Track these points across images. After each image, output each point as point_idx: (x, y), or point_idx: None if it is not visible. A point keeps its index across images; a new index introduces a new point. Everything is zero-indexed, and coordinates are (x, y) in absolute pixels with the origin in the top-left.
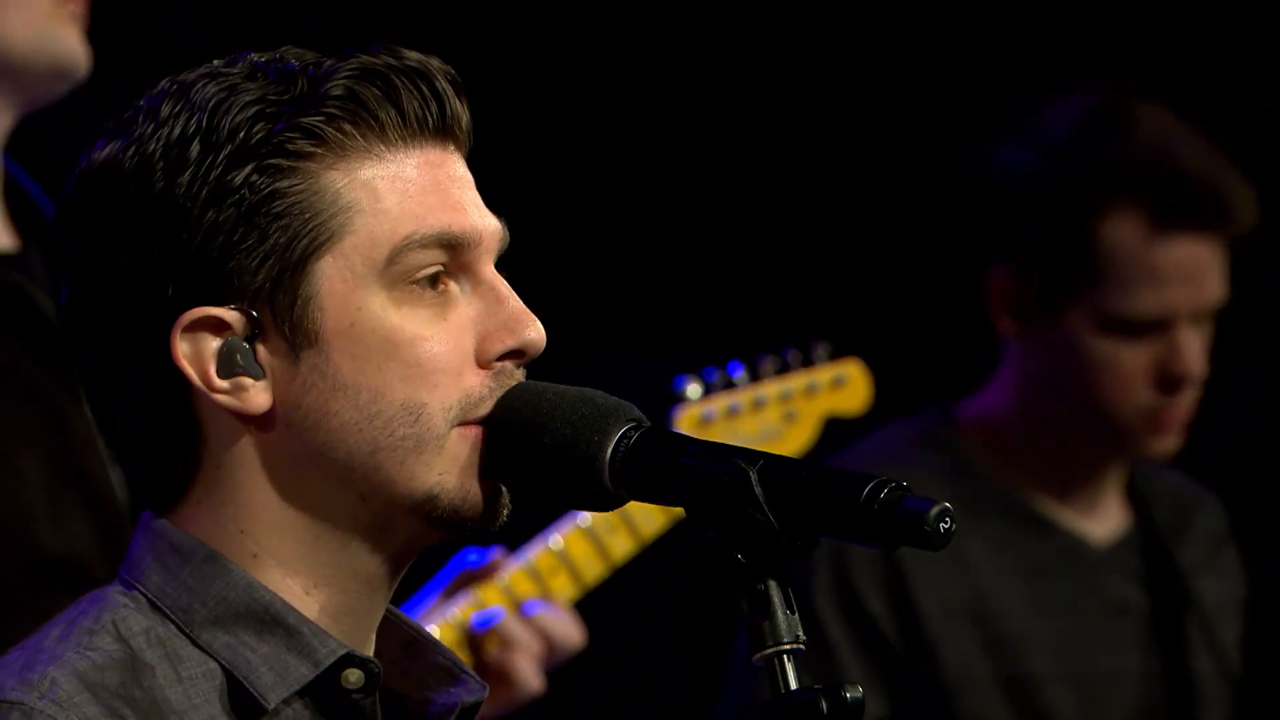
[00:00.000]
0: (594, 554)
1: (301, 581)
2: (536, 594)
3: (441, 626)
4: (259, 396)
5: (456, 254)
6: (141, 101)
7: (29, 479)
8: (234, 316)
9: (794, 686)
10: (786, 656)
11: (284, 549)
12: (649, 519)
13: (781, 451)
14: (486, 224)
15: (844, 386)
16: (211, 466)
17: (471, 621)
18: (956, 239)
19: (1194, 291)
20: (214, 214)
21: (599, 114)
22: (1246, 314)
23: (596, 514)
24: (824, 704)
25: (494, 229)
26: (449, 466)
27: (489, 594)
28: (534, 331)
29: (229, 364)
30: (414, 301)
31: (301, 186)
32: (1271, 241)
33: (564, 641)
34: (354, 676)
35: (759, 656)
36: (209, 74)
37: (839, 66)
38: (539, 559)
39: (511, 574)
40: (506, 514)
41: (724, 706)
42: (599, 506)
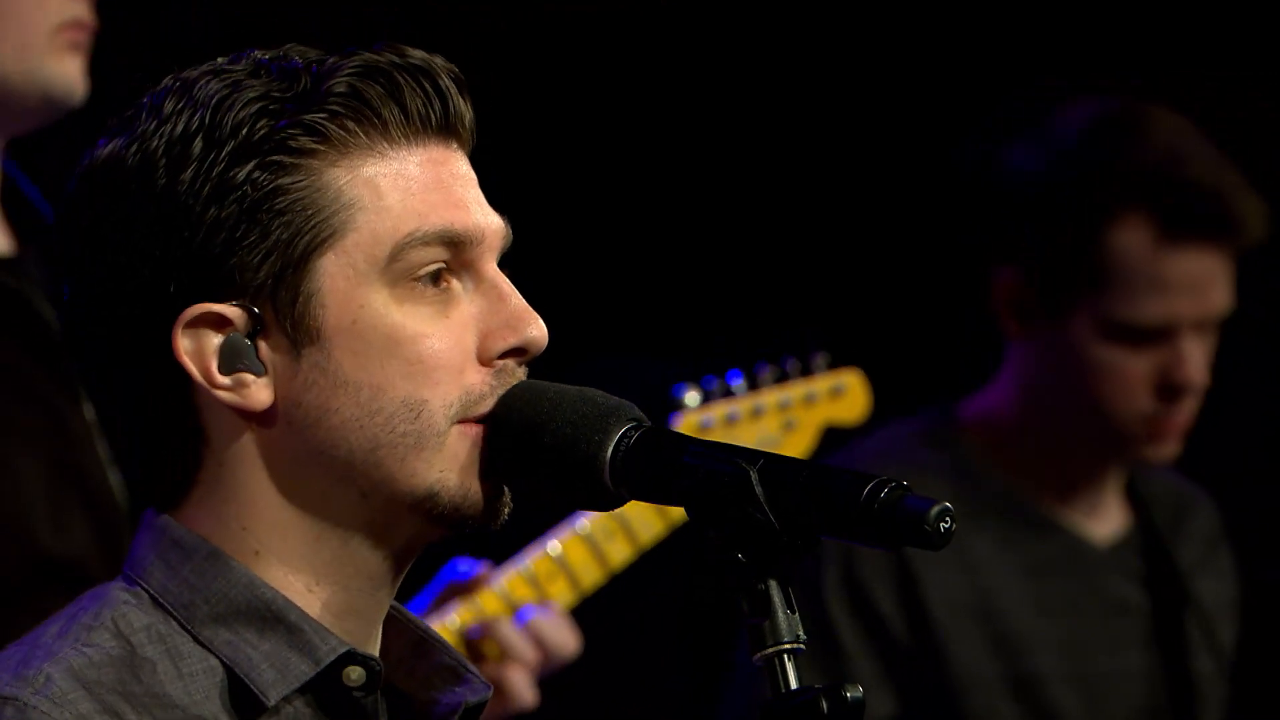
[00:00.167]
0: (592, 560)
1: (303, 579)
2: (534, 599)
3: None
4: (260, 393)
5: (459, 252)
6: (145, 99)
7: (28, 480)
8: (236, 313)
9: (794, 686)
10: (787, 656)
11: (286, 546)
12: (647, 525)
13: None
14: (489, 222)
15: (843, 396)
16: (214, 464)
17: (467, 629)
18: (961, 239)
19: (1199, 301)
20: (216, 210)
21: (599, 114)
22: (1247, 316)
23: (594, 520)
24: (824, 704)
25: (496, 227)
26: (449, 464)
27: (487, 600)
28: (536, 329)
29: (231, 360)
30: (416, 299)
31: (304, 183)
32: (1272, 242)
33: (559, 649)
34: (355, 674)
35: (759, 656)
36: (212, 71)
37: (836, 75)
38: (537, 564)
39: (509, 579)
40: (508, 513)
41: (728, 707)
42: (599, 506)
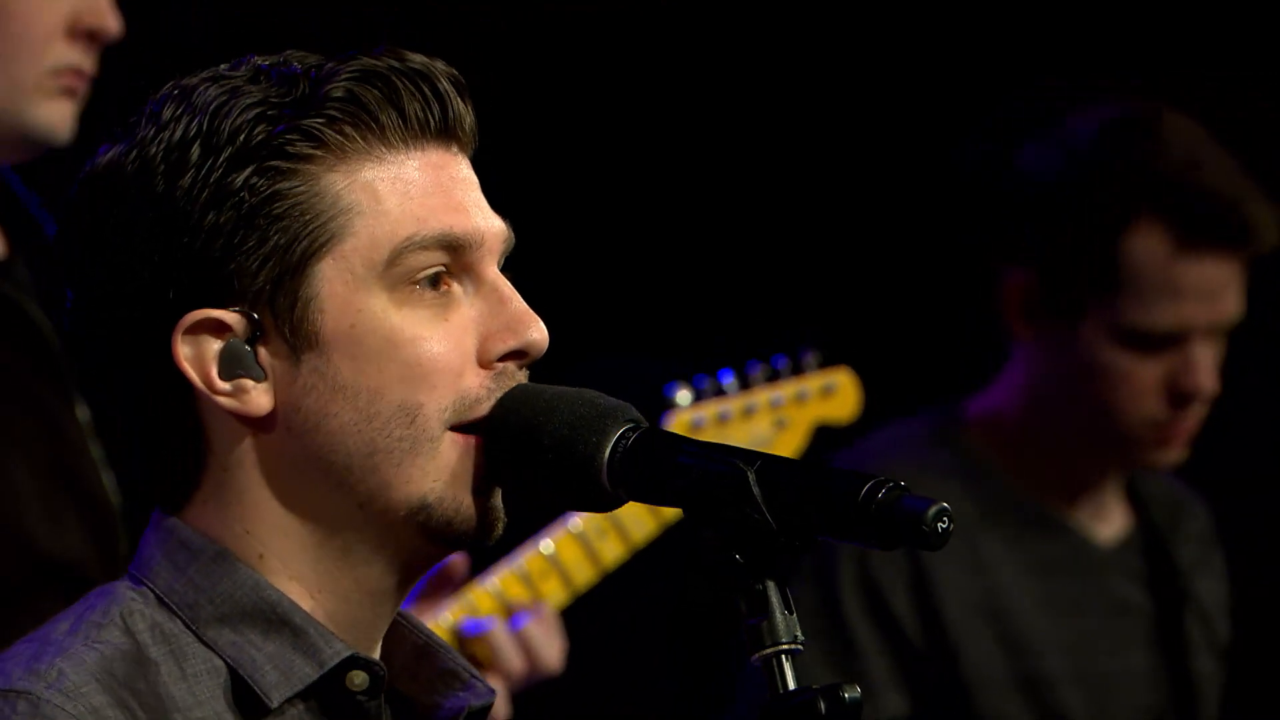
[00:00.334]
0: (584, 558)
1: (306, 586)
2: (527, 597)
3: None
4: (260, 398)
5: (458, 255)
6: (146, 106)
7: (23, 483)
8: (235, 318)
9: (792, 686)
10: (785, 656)
11: (287, 552)
12: (639, 524)
13: None
14: (490, 225)
15: (834, 394)
16: (216, 468)
17: (461, 626)
18: (968, 239)
19: (1212, 308)
20: (214, 216)
21: (592, 115)
22: (1248, 320)
23: (587, 519)
24: (822, 704)
25: (497, 230)
26: (442, 472)
27: (480, 598)
28: (536, 332)
29: (230, 366)
30: (415, 302)
31: (302, 188)
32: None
33: (545, 664)
34: (359, 679)
35: (758, 657)
36: (212, 77)
37: (830, 79)
38: (530, 562)
39: (503, 577)
40: (500, 529)
41: (739, 708)
42: (597, 507)
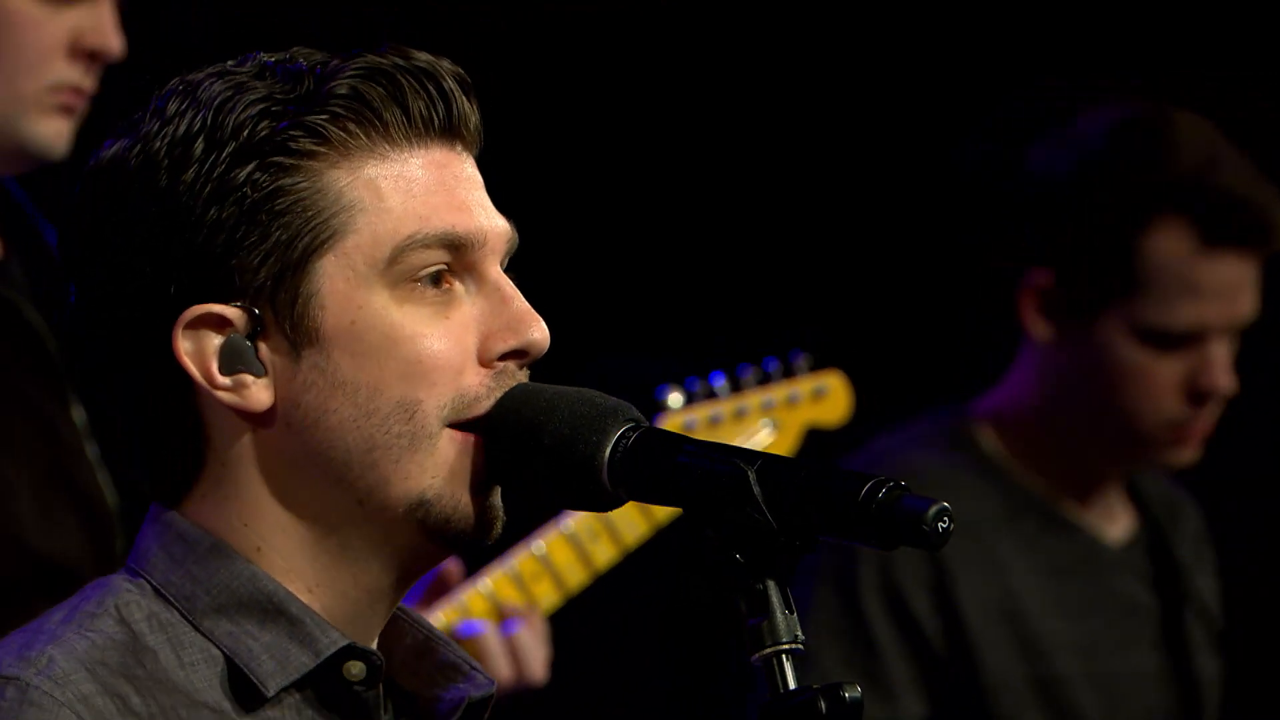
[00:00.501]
0: (577, 560)
1: (304, 581)
2: (519, 600)
3: None
4: (260, 394)
5: (461, 254)
6: (151, 101)
7: (19, 485)
8: (236, 314)
9: (792, 686)
10: (785, 656)
11: (285, 547)
12: (631, 526)
13: None
14: (493, 225)
15: (825, 398)
16: (215, 463)
17: (454, 628)
18: (978, 240)
19: (1230, 307)
20: (216, 211)
21: (586, 116)
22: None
23: (579, 521)
24: (822, 704)
25: (500, 230)
26: (440, 469)
27: (473, 600)
28: (538, 332)
29: (231, 361)
30: (416, 300)
31: (304, 185)
32: None
33: (531, 673)
34: (356, 669)
35: (758, 656)
36: (217, 73)
37: (826, 84)
38: (522, 564)
39: (495, 579)
40: (499, 529)
41: (752, 708)
42: (597, 506)
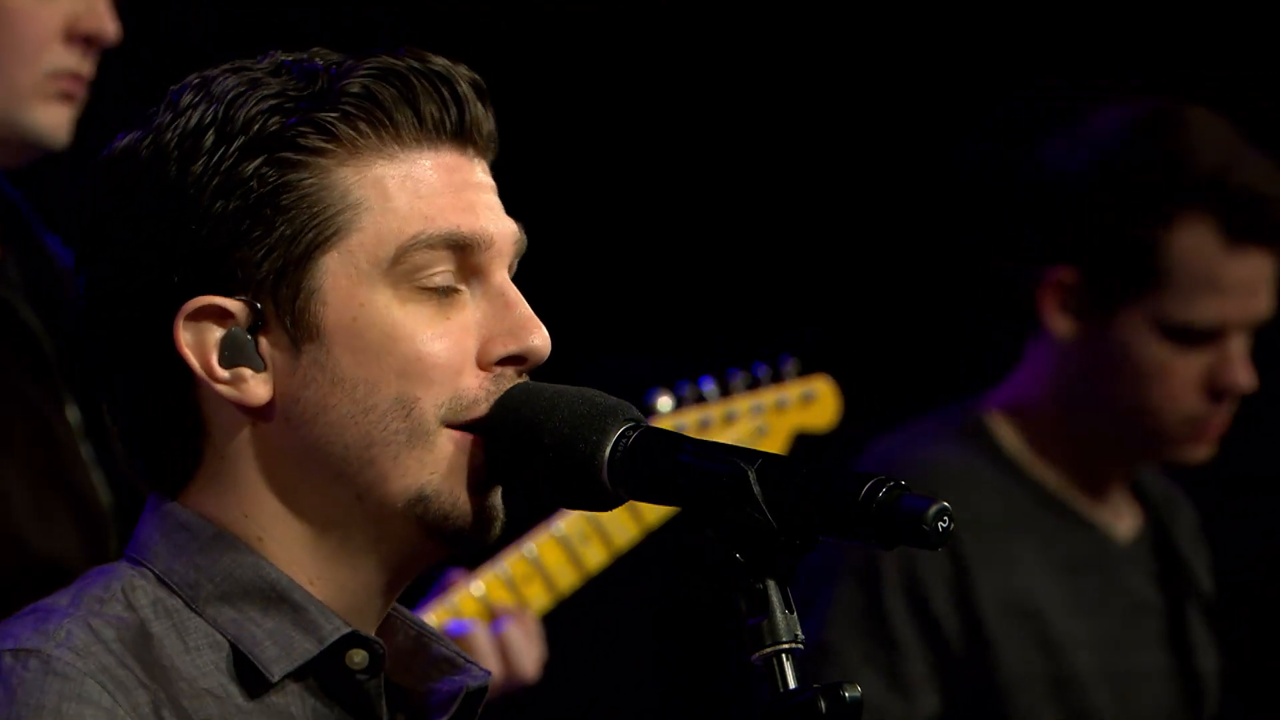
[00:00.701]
0: (567, 563)
1: (304, 573)
2: (510, 601)
3: None
4: (259, 388)
5: (466, 256)
6: (167, 95)
7: (13, 484)
8: (238, 307)
9: (792, 686)
10: (785, 656)
11: (285, 539)
12: (622, 529)
13: None
14: (500, 228)
15: (813, 402)
16: (215, 456)
17: (444, 628)
18: (986, 239)
19: (1250, 303)
20: (222, 204)
21: (582, 117)
22: None
23: (570, 523)
24: (822, 704)
25: (507, 233)
26: (439, 465)
27: (464, 602)
28: (538, 339)
29: (231, 354)
30: (418, 300)
31: (311, 181)
32: None
33: (522, 671)
34: (359, 657)
35: (758, 656)
36: (233, 68)
37: (822, 88)
38: (513, 566)
39: (486, 581)
40: (499, 528)
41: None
42: (598, 506)
